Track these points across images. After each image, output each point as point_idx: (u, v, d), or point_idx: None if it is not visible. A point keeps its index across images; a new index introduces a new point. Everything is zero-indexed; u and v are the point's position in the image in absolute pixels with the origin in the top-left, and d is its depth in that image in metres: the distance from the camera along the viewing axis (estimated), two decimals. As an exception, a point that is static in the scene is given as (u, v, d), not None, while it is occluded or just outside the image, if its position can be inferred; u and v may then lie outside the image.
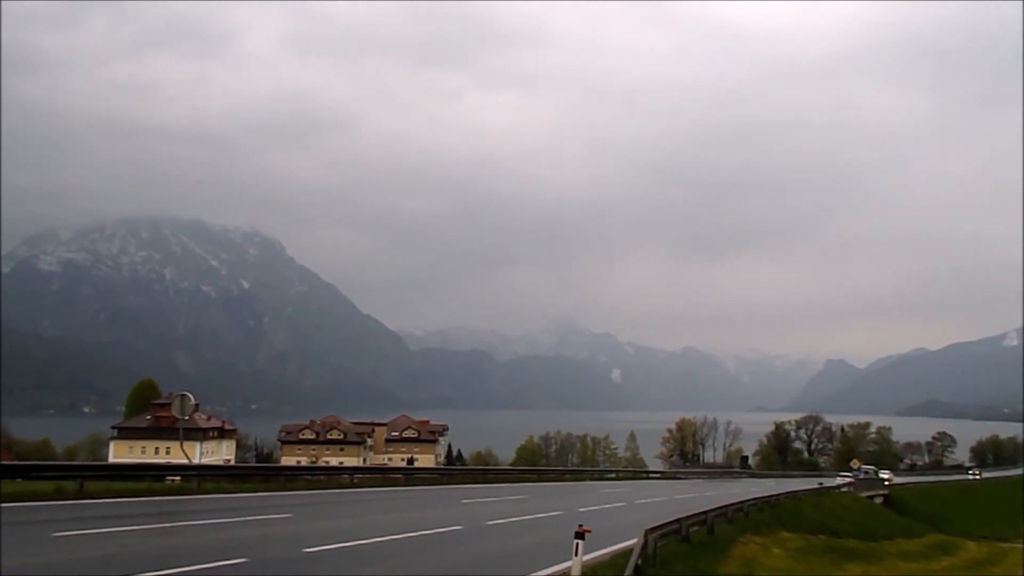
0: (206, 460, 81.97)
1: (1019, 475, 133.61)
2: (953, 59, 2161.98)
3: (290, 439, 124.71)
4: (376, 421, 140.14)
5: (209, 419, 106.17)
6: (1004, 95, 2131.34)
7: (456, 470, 68.08)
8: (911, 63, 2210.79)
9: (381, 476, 43.60)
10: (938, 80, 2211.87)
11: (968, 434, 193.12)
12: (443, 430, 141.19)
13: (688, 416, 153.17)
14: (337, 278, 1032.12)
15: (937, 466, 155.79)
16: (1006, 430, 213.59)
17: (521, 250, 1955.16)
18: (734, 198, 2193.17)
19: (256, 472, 39.53)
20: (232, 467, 62.37)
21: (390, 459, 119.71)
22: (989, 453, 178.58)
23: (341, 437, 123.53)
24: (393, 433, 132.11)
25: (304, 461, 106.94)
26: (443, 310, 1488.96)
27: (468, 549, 18.12)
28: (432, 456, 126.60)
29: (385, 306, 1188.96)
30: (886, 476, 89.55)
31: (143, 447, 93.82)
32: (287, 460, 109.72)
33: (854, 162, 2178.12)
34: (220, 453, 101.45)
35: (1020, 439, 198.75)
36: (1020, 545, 55.72)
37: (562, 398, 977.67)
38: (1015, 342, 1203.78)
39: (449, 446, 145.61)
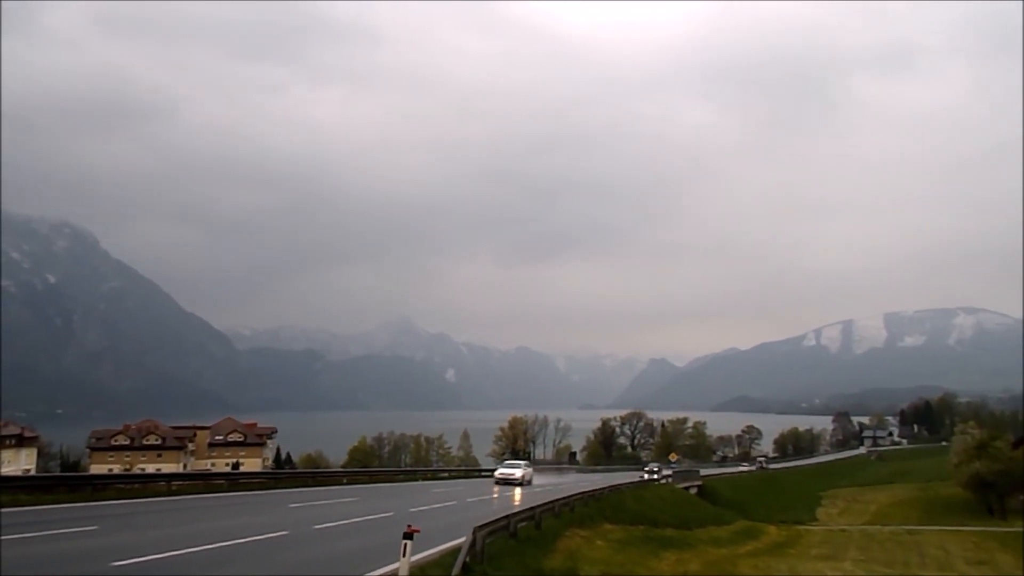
0: (2, 470, 75.53)
1: (813, 464, 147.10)
2: (758, 82, 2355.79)
3: (101, 446, 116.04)
4: (198, 425, 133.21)
5: (6, 425, 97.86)
6: (801, 117, 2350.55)
7: (284, 474, 65.78)
8: (721, 84, 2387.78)
9: (202, 482, 41.31)
10: (745, 100, 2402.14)
11: (773, 427, 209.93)
12: (271, 433, 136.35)
13: (520, 414, 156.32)
14: (157, 274, 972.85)
15: (745, 457, 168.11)
16: (804, 423, 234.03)
17: (355, 248, 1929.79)
18: (562, 202, 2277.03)
19: (60, 482, 36.31)
20: (32, 477, 57.34)
21: (213, 464, 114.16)
22: (790, 444, 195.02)
23: (159, 442, 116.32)
24: (217, 437, 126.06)
25: (117, 469, 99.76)
26: (273, 308, 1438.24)
27: (293, 555, 17.62)
28: (259, 460, 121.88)
29: (210, 304, 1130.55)
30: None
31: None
32: (97, 468, 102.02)
33: (671, 172, 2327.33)
34: (19, 463, 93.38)
35: (815, 431, 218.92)
36: (814, 527, 61.32)
37: (397, 398, 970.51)
38: (813, 343, 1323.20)
39: (278, 449, 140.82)
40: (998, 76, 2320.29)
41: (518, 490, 47.52)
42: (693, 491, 70.84)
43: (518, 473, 54.92)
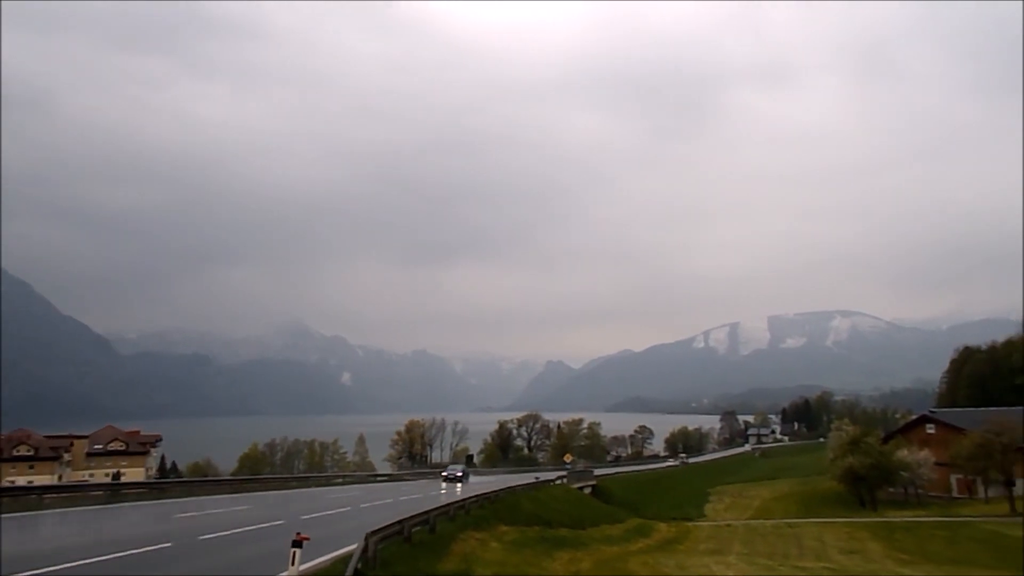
0: None
1: (702, 462, 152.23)
2: (648, 91, 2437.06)
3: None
4: (76, 434, 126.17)
5: None
6: (688, 126, 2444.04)
7: (168, 483, 63.07)
8: (612, 92, 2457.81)
9: (80, 494, 39.20)
10: (635, 108, 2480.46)
11: (664, 427, 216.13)
12: (156, 441, 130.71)
13: (417, 418, 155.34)
14: (31, 275, 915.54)
15: (638, 456, 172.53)
16: (694, 422, 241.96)
17: (245, 249, 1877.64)
18: (458, 206, 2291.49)
19: (-83, 498, 33.71)
20: None
21: (92, 475, 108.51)
22: (679, 443, 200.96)
23: (31, 453, 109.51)
24: (96, 446, 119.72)
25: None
26: (159, 311, 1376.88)
27: (175, 568, 16.93)
28: (142, 469, 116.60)
29: (90, 307, 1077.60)
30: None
31: None
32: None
33: (564, 178, 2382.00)
34: None
35: (704, 430, 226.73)
36: (702, 523, 63.48)
37: (291, 403, 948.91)
38: (702, 344, 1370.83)
39: (163, 458, 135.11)
40: (868, 93, 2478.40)
41: None
42: (587, 491, 72.06)
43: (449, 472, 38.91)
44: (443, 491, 51.21)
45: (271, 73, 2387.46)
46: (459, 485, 61.15)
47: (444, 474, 73.21)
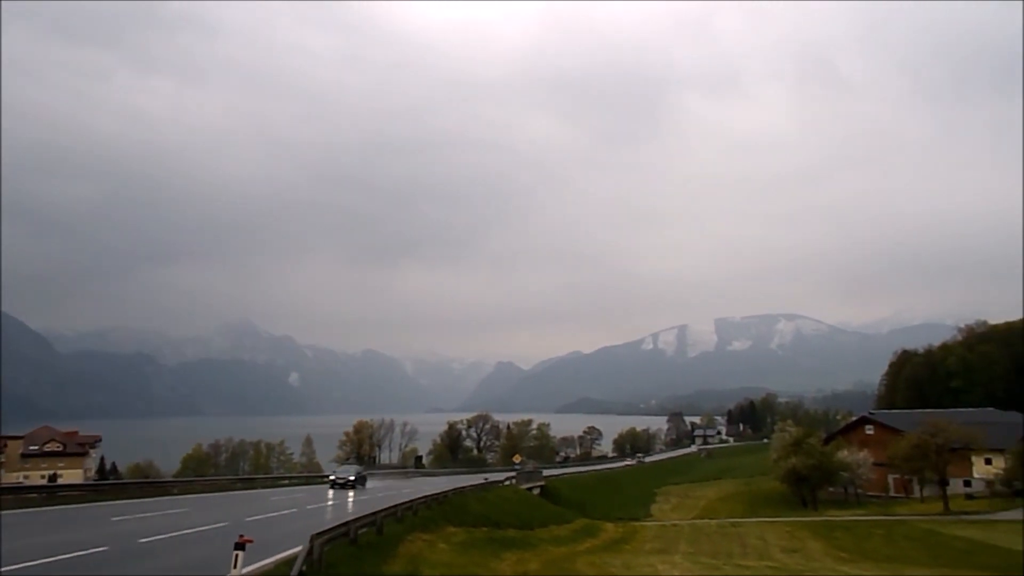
0: None
1: (649, 463, 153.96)
2: (601, 96, 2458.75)
3: None
4: (10, 435, 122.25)
5: None
6: (638, 131, 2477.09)
7: (107, 485, 61.32)
8: (566, 95, 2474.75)
9: (13, 496, 37.92)
10: (588, 113, 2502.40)
11: (613, 428, 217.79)
12: (95, 442, 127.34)
13: (366, 419, 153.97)
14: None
15: (586, 457, 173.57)
16: (642, 423, 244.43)
17: (192, 246, 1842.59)
18: (409, 207, 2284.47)
19: None
20: None
21: (27, 477, 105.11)
22: (628, 444, 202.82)
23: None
24: (32, 447, 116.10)
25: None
26: (100, 308, 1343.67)
27: (112, 572, 16.47)
28: (80, 471, 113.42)
29: (26, 303, 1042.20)
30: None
31: None
32: None
33: (515, 180, 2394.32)
34: None
35: (651, 431, 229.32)
36: (649, 523, 64.14)
37: (237, 403, 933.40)
38: (651, 346, 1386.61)
39: (102, 459, 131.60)
40: (813, 101, 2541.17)
41: None
42: (536, 492, 72.20)
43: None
44: (330, 501, 42.21)
45: (219, 70, 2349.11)
46: (351, 493, 49.11)
47: (332, 478, 57.40)
